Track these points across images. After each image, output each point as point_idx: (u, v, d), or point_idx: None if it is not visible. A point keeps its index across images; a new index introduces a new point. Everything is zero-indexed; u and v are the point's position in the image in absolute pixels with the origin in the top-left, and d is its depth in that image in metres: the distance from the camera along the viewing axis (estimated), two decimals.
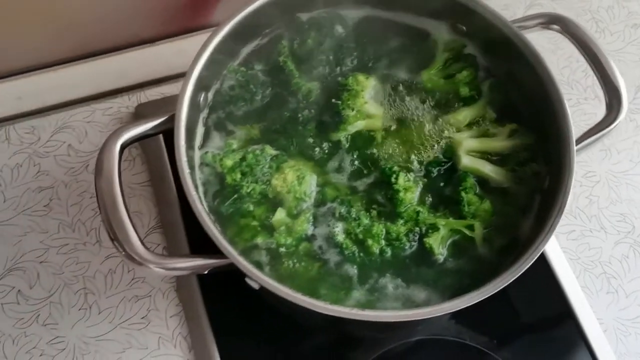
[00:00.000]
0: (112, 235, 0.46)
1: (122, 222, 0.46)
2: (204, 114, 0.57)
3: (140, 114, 0.72)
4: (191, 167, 0.51)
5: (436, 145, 0.56)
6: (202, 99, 0.57)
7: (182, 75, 0.74)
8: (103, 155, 0.49)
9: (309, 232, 0.52)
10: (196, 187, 0.51)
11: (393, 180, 0.53)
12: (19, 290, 0.62)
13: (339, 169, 0.55)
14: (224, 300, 0.60)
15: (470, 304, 0.44)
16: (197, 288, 0.61)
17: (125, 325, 0.61)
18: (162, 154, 0.68)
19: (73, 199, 0.67)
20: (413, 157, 0.55)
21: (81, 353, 0.60)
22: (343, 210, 0.52)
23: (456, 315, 0.60)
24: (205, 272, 0.49)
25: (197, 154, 0.56)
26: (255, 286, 0.47)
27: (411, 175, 0.54)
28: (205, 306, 0.60)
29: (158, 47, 0.75)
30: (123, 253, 0.46)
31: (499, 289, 0.44)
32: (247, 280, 0.47)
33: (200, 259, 0.48)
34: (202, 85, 0.55)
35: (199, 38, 0.76)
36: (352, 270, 0.51)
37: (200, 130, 0.57)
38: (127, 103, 0.73)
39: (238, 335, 0.59)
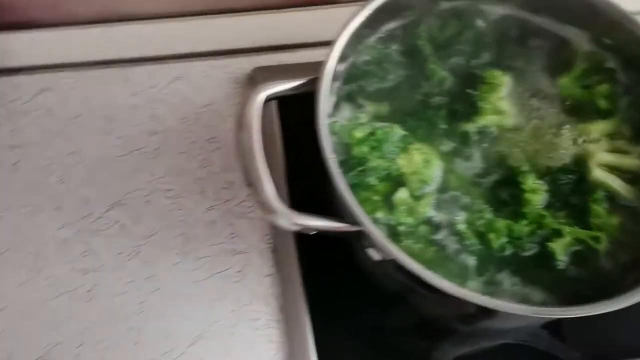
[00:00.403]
0: (249, 181, 0.47)
1: (259, 171, 0.47)
2: (337, 84, 0.58)
3: (255, 77, 0.73)
4: None
5: (566, 153, 0.55)
6: (338, 69, 0.57)
7: (300, 47, 0.77)
8: (246, 107, 0.50)
9: (430, 216, 0.52)
10: None
11: (520, 179, 0.52)
12: (122, 225, 0.64)
13: (465, 160, 0.55)
14: (319, 267, 0.61)
15: (599, 312, 0.43)
16: (294, 252, 0.62)
17: (220, 277, 0.62)
18: (274, 117, 0.70)
19: (182, 147, 0.69)
20: (541, 160, 0.55)
21: (175, 295, 0.61)
22: (467, 200, 0.52)
23: (549, 325, 0.59)
24: (312, 234, 0.50)
25: (326, 122, 0.56)
26: (377, 257, 0.48)
27: (539, 179, 0.54)
28: (300, 271, 0.61)
29: (282, 15, 0.76)
30: (257, 199, 0.47)
31: (630, 304, 0.44)
32: (370, 250, 0.48)
33: (328, 221, 0.48)
34: (341, 56, 0.56)
35: (322, 12, 0.77)
36: (470, 260, 0.51)
37: (331, 99, 0.57)
38: (245, 65, 0.75)
39: (329, 302, 0.60)
